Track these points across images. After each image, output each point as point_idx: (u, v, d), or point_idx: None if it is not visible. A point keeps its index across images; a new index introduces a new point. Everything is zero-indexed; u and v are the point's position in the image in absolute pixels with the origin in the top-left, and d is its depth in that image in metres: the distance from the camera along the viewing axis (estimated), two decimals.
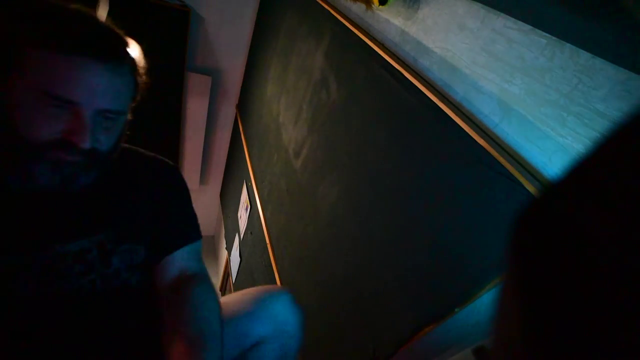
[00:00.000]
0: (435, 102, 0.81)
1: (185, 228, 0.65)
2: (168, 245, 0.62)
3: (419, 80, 0.88)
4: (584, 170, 0.15)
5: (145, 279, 0.61)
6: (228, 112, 3.06)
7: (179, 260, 0.62)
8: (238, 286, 2.61)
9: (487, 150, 0.69)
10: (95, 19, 0.44)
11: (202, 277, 0.63)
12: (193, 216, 0.67)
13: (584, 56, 0.58)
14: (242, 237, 2.51)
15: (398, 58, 0.98)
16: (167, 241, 0.62)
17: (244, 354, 0.65)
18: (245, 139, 2.62)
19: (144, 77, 0.54)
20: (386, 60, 0.99)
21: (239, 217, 2.62)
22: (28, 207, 0.48)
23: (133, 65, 0.52)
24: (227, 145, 3.32)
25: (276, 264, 1.73)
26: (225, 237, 3.19)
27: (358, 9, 1.22)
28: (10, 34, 0.39)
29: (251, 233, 2.25)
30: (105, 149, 0.48)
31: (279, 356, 0.67)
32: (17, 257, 0.47)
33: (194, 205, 0.69)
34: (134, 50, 0.53)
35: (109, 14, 1.86)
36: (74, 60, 0.40)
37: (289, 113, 1.74)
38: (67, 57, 0.40)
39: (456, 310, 0.72)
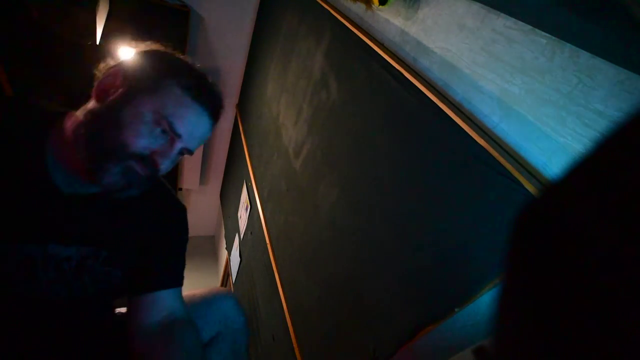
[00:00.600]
0: (435, 102, 0.81)
1: (176, 271, 0.66)
2: (157, 282, 0.62)
3: (419, 80, 0.88)
4: (583, 170, 0.15)
5: (109, 303, 0.62)
6: (228, 112, 3.06)
7: (169, 300, 0.62)
8: (238, 286, 2.61)
9: (487, 150, 0.69)
10: (217, 87, 0.59)
11: (191, 322, 0.64)
12: (184, 263, 0.68)
13: (584, 56, 0.58)
14: (242, 237, 2.51)
15: (398, 58, 0.98)
16: (157, 278, 0.63)
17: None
18: (245, 139, 2.62)
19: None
20: (386, 60, 0.99)
21: (239, 217, 2.62)
22: (45, 201, 0.50)
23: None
24: (227, 145, 3.32)
25: (276, 264, 1.72)
26: (225, 237, 3.19)
27: (358, 9, 1.22)
28: (167, 68, 0.53)
29: (251, 233, 2.25)
30: (160, 175, 0.56)
31: (231, 350, 0.73)
32: (5, 244, 0.47)
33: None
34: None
35: (109, 14, 1.86)
36: (197, 107, 0.53)
37: (289, 113, 1.74)
38: (193, 102, 0.53)
39: (456, 310, 0.72)
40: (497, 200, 0.67)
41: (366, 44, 1.09)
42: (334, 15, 1.31)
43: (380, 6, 0.99)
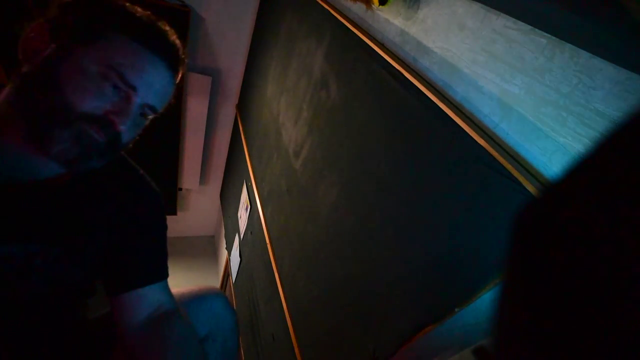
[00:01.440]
0: (435, 102, 0.81)
1: (160, 263, 0.61)
2: (141, 278, 0.58)
3: (419, 80, 0.88)
4: (584, 170, 0.15)
5: (70, 304, 0.57)
6: (228, 112, 3.06)
7: (156, 295, 0.58)
8: (238, 286, 2.61)
9: (487, 150, 0.69)
10: (174, 35, 0.51)
11: (179, 313, 0.60)
12: (166, 253, 0.62)
13: (584, 56, 0.58)
14: (242, 237, 2.51)
15: (398, 58, 0.98)
16: (141, 273, 0.58)
17: None
18: (245, 139, 2.62)
19: (173, 100, 0.56)
20: (386, 60, 0.99)
21: (239, 217, 2.62)
22: None
23: (178, 83, 0.56)
24: (227, 145, 3.32)
25: (276, 264, 1.73)
26: (225, 237, 3.19)
27: (358, 9, 1.22)
28: (104, 15, 0.45)
29: (251, 233, 2.25)
30: (124, 142, 0.49)
31: (223, 349, 0.71)
32: None
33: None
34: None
35: None
36: (149, 55, 0.46)
37: (289, 113, 1.74)
38: (145, 49, 0.45)
39: (456, 310, 0.72)
40: (497, 200, 0.67)
41: (366, 44, 1.09)
42: (334, 15, 1.31)
43: (380, 6, 0.99)
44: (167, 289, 0.62)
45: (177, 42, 0.51)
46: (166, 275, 0.61)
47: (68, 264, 0.51)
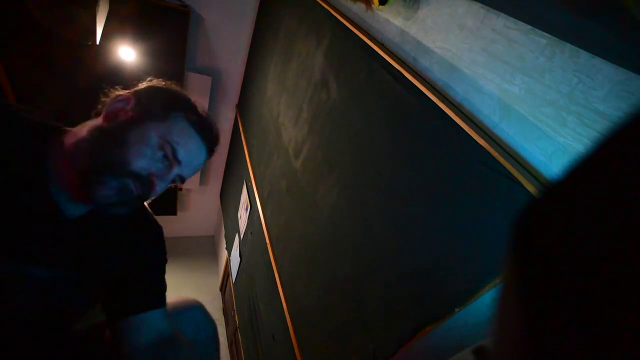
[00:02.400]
0: (435, 102, 0.81)
1: (159, 291, 0.66)
2: (142, 304, 0.62)
3: (419, 80, 0.88)
4: (584, 170, 0.15)
5: (68, 325, 0.61)
6: (228, 112, 3.06)
7: (156, 321, 0.62)
8: (238, 286, 2.61)
9: (487, 150, 0.69)
10: (216, 126, 0.64)
11: (180, 338, 0.64)
12: (165, 283, 0.68)
13: (584, 56, 0.58)
14: (242, 237, 2.51)
15: (398, 58, 0.98)
16: (141, 300, 0.62)
17: None
18: (245, 139, 2.62)
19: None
20: (386, 60, 0.99)
21: (239, 217, 2.62)
22: (39, 220, 0.50)
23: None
24: (227, 145, 3.32)
25: (276, 264, 1.73)
26: (225, 237, 3.19)
27: (358, 9, 1.22)
28: (174, 102, 0.58)
29: (251, 233, 2.25)
30: (151, 197, 0.58)
31: (204, 357, 0.75)
32: None
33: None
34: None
35: (109, 14, 1.86)
36: (198, 140, 0.59)
37: (289, 113, 1.74)
38: (197, 135, 0.58)
39: (456, 310, 0.72)
40: (497, 200, 0.67)
41: (366, 44, 1.09)
42: (334, 15, 1.31)
43: (380, 6, 0.99)
44: (166, 316, 0.65)
45: (218, 132, 0.64)
46: (164, 304, 0.66)
47: (82, 290, 0.57)
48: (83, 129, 0.54)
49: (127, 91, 0.58)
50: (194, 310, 0.76)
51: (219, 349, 0.81)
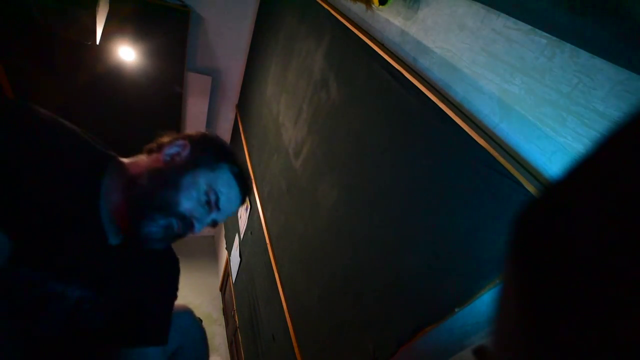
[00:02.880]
0: (435, 102, 0.81)
1: (164, 329, 0.66)
2: (144, 337, 0.62)
3: (419, 80, 0.88)
4: (584, 170, 0.15)
5: (86, 348, 0.61)
6: (228, 112, 3.06)
7: (155, 358, 0.62)
8: (238, 286, 2.61)
9: (487, 150, 0.69)
10: (250, 179, 0.70)
11: None
12: (170, 322, 0.69)
13: (584, 56, 0.58)
14: (242, 237, 2.51)
15: (398, 58, 0.98)
16: (144, 333, 0.62)
17: None
18: (245, 139, 2.62)
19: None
20: (386, 60, 0.99)
21: (239, 217, 2.62)
22: (89, 245, 0.52)
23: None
24: None
25: (276, 264, 1.73)
26: (225, 237, 3.19)
27: (358, 9, 1.22)
28: (224, 155, 0.63)
29: (251, 233, 2.25)
30: (186, 236, 0.62)
31: (193, 357, 0.77)
32: (35, 273, 0.47)
33: None
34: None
35: (109, 14, 1.86)
36: (238, 192, 0.65)
37: (289, 113, 1.74)
38: (238, 187, 0.64)
39: (456, 310, 0.72)
40: (497, 200, 0.67)
41: (366, 44, 1.09)
42: (334, 15, 1.31)
43: (380, 6, 0.99)
44: (164, 355, 0.66)
45: (251, 185, 0.70)
46: (167, 342, 0.67)
47: (102, 312, 0.58)
48: (139, 165, 0.59)
49: (183, 137, 0.64)
50: (182, 315, 0.76)
51: (208, 350, 0.82)
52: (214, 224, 0.64)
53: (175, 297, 0.70)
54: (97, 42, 1.77)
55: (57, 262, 0.49)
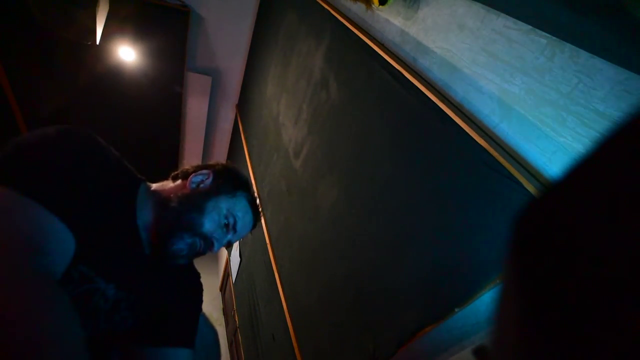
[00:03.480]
0: (435, 102, 0.81)
1: (192, 333, 0.71)
2: (173, 338, 0.66)
3: (419, 80, 0.88)
4: (584, 170, 0.15)
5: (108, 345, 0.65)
6: (228, 112, 3.06)
7: (185, 358, 0.66)
8: (238, 286, 2.61)
9: (487, 150, 0.69)
10: (259, 206, 0.77)
11: None
12: (197, 329, 0.74)
13: (584, 56, 0.58)
14: None
15: (398, 58, 0.98)
16: (173, 334, 0.66)
17: None
18: (245, 139, 2.62)
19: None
20: (386, 60, 0.99)
21: None
22: (129, 249, 0.58)
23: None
24: (227, 145, 3.32)
25: (276, 264, 1.73)
26: None
27: (358, 9, 1.22)
28: (241, 185, 0.72)
29: (251, 233, 2.25)
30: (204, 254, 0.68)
31: None
32: (88, 269, 0.51)
33: None
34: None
35: (109, 14, 1.86)
36: (251, 216, 0.73)
37: (289, 113, 1.74)
38: (252, 213, 0.73)
39: (456, 310, 0.72)
40: (497, 200, 0.67)
41: (366, 44, 1.09)
42: (334, 15, 1.31)
43: (380, 6, 0.99)
44: (192, 358, 0.70)
45: (260, 212, 0.78)
46: (193, 346, 0.71)
47: (136, 313, 0.63)
48: (167, 190, 0.66)
49: (206, 166, 0.72)
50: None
51: (220, 353, 0.83)
52: (229, 245, 0.72)
53: (200, 308, 0.75)
54: (97, 42, 1.77)
55: (103, 263, 0.54)
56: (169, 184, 0.68)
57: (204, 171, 0.69)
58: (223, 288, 3.62)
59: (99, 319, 0.57)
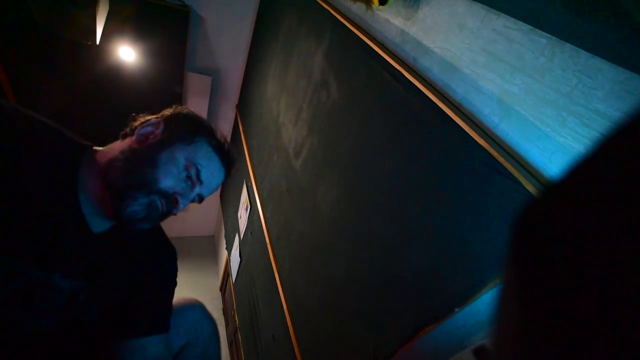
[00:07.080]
0: (435, 102, 0.81)
1: (164, 317, 0.65)
2: (145, 328, 0.61)
3: (419, 80, 0.88)
4: (584, 170, 0.15)
5: (85, 340, 0.61)
6: (228, 112, 3.06)
7: (156, 347, 0.61)
8: (238, 286, 2.61)
9: (487, 150, 0.69)
10: (233, 151, 0.68)
11: None
12: (171, 308, 0.68)
13: (584, 56, 0.58)
14: (242, 237, 2.51)
15: (398, 58, 0.98)
16: (145, 324, 0.62)
17: None
18: (245, 139, 2.62)
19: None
20: (386, 60, 0.99)
21: (239, 217, 2.62)
22: (67, 233, 0.52)
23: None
24: None
25: (276, 264, 1.73)
26: (225, 237, 3.19)
27: (358, 9, 1.22)
28: (199, 128, 0.62)
29: (251, 233, 2.25)
30: (172, 214, 0.61)
31: (202, 356, 0.75)
32: (14, 262, 0.47)
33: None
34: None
35: (109, 14, 1.86)
36: (219, 163, 0.63)
37: (289, 113, 1.74)
38: (218, 158, 0.63)
39: (456, 310, 0.72)
40: (497, 200, 0.67)
41: (366, 44, 1.09)
42: (334, 15, 1.31)
43: (380, 6, 0.99)
44: (166, 342, 0.65)
45: (235, 157, 0.68)
46: (168, 330, 0.66)
47: (99, 303, 0.58)
48: (114, 149, 0.58)
49: (156, 116, 0.63)
50: (193, 309, 0.76)
51: (219, 348, 0.80)
52: (201, 199, 0.63)
53: (174, 284, 0.69)
54: (97, 42, 1.77)
55: (36, 251, 0.48)
56: (116, 144, 0.59)
57: (152, 120, 0.61)
58: (223, 288, 3.62)
59: (57, 313, 0.53)
